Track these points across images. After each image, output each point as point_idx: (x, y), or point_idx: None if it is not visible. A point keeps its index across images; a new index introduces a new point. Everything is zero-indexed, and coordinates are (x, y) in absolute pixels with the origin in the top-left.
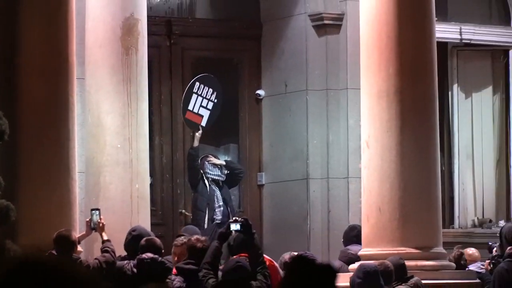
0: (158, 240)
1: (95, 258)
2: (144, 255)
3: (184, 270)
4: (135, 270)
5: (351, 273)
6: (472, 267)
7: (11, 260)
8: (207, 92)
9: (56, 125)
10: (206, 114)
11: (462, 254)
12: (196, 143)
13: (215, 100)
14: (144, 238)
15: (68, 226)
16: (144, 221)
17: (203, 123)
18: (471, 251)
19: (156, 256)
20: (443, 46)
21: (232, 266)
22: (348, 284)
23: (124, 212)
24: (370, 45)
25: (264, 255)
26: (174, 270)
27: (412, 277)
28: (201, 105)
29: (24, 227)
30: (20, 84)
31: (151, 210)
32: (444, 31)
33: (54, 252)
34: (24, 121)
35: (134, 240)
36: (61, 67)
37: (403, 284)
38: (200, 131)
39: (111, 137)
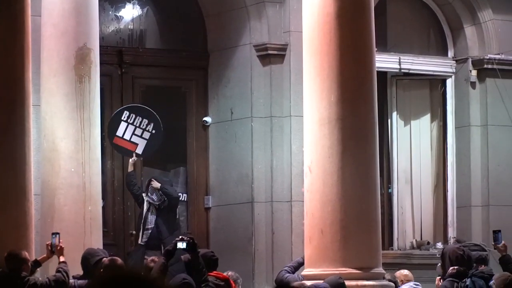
0: (119, 260)
1: (47, 277)
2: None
3: None
4: None
5: None
6: (405, 286)
7: None
8: (140, 122)
9: (13, 149)
10: (142, 143)
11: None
12: (130, 169)
13: (153, 131)
14: (107, 258)
15: (24, 247)
16: (97, 242)
17: (139, 150)
18: (405, 272)
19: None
20: (383, 75)
21: (178, 282)
22: None
23: (78, 233)
24: (313, 75)
25: (218, 272)
26: None
27: None
28: (133, 133)
29: None
30: None
31: (103, 231)
32: (384, 61)
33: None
34: None
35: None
36: (18, 95)
37: None
38: (134, 158)
39: (65, 161)
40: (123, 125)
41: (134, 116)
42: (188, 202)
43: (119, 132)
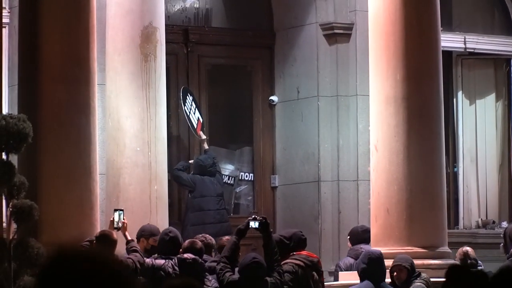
0: (199, 243)
1: (128, 257)
2: (186, 255)
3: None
4: (176, 269)
5: None
6: None
7: (53, 252)
8: (189, 102)
9: (78, 128)
10: (198, 114)
11: (467, 252)
12: (206, 146)
13: (191, 98)
14: (188, 240)
15: (89, 226)
16: (163, 221)
17: (201, 119)
18: (465, 249)
19: (197, 257)
20: (448, 54)
21: (248, 261)
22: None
23: (143, 212)
24: (378, 54)
25: (306, 252)
26: None
27: (420, 274)
28: (194, 114)
29: (46, 226)
30: (42, 90)
31: (169, 211)
32: (449, 41)
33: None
34: (47, 125)
35: (170, 242)
36: (82, 74)
37: (418, 279)
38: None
39: (130, 140)
40: (191, 116)
41: (187, 104)
42: (255, 182)
43: (194, 122)
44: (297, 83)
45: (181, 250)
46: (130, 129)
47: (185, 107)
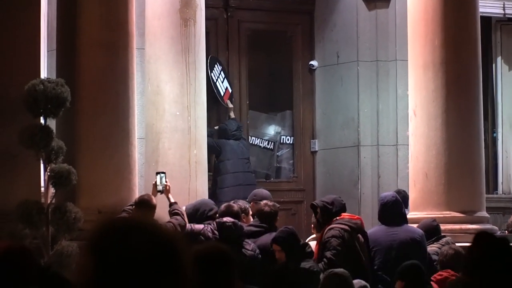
0: (236, 206)
1: (169, 221)
2: (225, 219)
3: (252, 232)
4: (216, 233)
5: None
6: None
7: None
8: (217, 71)
9: (116, 93)
10: (226, 83)
11: None
12: (232, 115)
13: (220, 67)
14: (224, 204)
15: (127, 191)
16: (202, 186)
17: (230, 89)
18: None
19: (236, 220)
20: (487, 20)
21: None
22: None
23: (183, 177)
24: (417, 19)
25: (348, 214)
26: None
27: (444, 236)
28: (222, 82)
29: (84, 190)
30: (80, 54)
31: (209, 175)
32: (488, 6)
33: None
34: (84, 89)
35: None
36: (121, 38)
37: (434, 243)
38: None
39: (170, 105)
40: (218, 84)
41: (214, 72)
42: (294, 146)
43: (222, 92)
44: (336, 48)
45: (217, 215)
46: (169, 94)
47: (212, 74)
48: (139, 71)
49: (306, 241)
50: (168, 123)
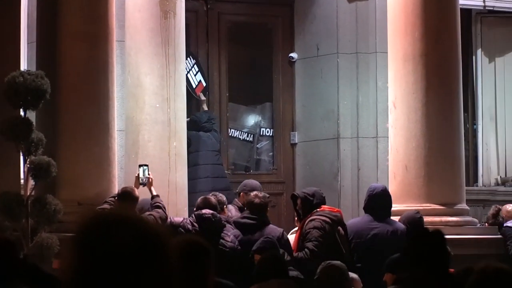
0: (213, 199)
1: (149, 214)
2: (203, 211)
3: (240, 224)
4: (195, 225)
5: None
6: (509, 223)
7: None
8: (189, 64)
9: (96, 85)
10: (200, 76)
11: (499, 210)
12: (206, 108)
13: (193, 61)
14: (201, 197)
15: (107, 182)
16: (182, 178)
17: (204, 83)
18: (510, 207)
19: (215, 212)
20: (467, 12)
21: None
22: None
23: (163, 169)
24: (397, 11)
25: (328, 207)
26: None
27: None
28: (195, 75)
29: (64, 182)
30: (61, 46)
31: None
32: None
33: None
34: (65, 81)
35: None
36: (101, 30)
37: None
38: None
39: (149, 97)
40: (189, 76)
41: (188, 64)
42: (274, 138)
43: (194, 84)
44: (316, 40)
45: (195, 208)
46: (149, 86)
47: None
48: (119, 63)
49: (289, 234)
50: (148, 115)
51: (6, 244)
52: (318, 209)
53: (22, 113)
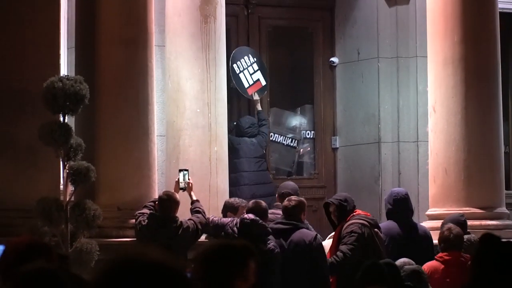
0: (264, 203)
1: (189, 219)
2: (246, 216)
3: (273, 229)
4: (235, 229)
5: None
6: None
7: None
8: (245, 62)
9: (135, 89)
10: (259, 75)
11: None
12: (259, 108)
13: (254, 59)
14: (252, 201)
15: (147, 187)
16: (223, 183)
17: (263, 82)
18: None
19: (257, 218)
20: (507, 16)
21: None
22: None
23: (203, 174)
24: (436, 15)
25: (362, 211)
26: None
27: (468, 233)
28: (251, 74)
29: (103, 187)
30: (99, 51)
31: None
32: (508, 2)
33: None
34: (104, 86)
35: None
36: (140, 34)
37: None
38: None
39: (190, 102)
40: (242, 76)
41: (239, 63)
42: (315, 143)
43: (246, 83)
44: (357, 45)
45: (245, 210)
46: (190, 91)
47: (235, 65)
48: (159, 68)
49: (328, 238)
50: (188, 120)
51: (44, 247)
52: (354, 213)
53: (61, 118)
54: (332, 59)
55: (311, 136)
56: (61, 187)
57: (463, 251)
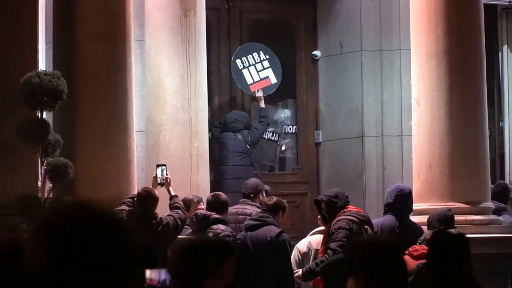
0: (223, 196)
1: (169, 215)
2: (198, 211)
3: (245, 225)
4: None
5: None
6: None
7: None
8: (253, 58)
9: (113, 84)
10: (269, 72)
11: None
12: (262, 105)
13: (267, 56)
14: (211, 193)
15: (126, 183)
16: (204, 178)
17: (274, 80)
18: None
19: (208, 212)
20: (492, 8)
21: None
22: None
23: (184, 170)
24: (420, 7)
25: (354, 207)
26: None
27: (454, 227)
28: (258, 71)
29: (82, 184)
30: (77, 45)
31: (210, 168)
32: None
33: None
34: (82, 82)
35: None
36: (119, 29)
37: None
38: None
39: (170, 97)
40: (245, 72)
41: (244, 58)
42: (298, 137)
43: (249, 80)
44: (340, 38)
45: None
46: (170, 86)
47: (240, 61)
48: (139, 63)
49: (310, 233)
50: (169, 115)
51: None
52: (345, 210)
53: (38, 114)
54: (314, 52)
55: (294, 131)
56: (39, 183)
57: None
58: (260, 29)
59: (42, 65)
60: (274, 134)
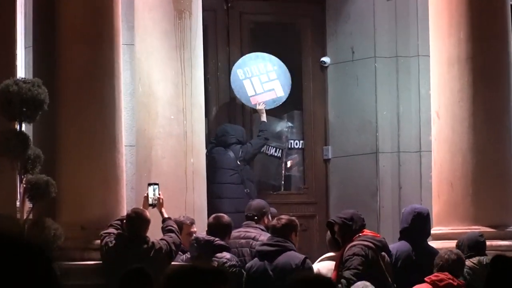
0: (226, 219)
1: (162, 239)
2: (199, 235)
3: (258, 252)
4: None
5: None
6: None
7: None
8: (257, 69)
9: (100, 94)
10: (276, 84)
11: None
12: (263, 118)
13: (275, 67)
14: (213, 215)
15: (114, 203)
16: (200, 198)
17: (281, 93)
18: None
19: (212, 238)
20: None
21: None
22: None
23: (179, 189)
24: (440, 9)
25: (370, 231)
26: None
27: (485, 255)
28: (262, 82)
29: (65, 204)
30: (60, 50)
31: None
32: None
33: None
34: (65, 90)
35: None
36: (105, 32)
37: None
38: (260, 104)
39: (163, 108)
40: (246, 83)
41: (247, 68)
42: (305, 152)
43: (250, 91)
44: (351, 43)
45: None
46: (163, 95)
47: (241, 70)
48: (128, 70)
49: (319, 260)
50: (161, 128)
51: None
52: (360, 234)
53: (17, 126)
54: (323, 59)
55: (300, 146)
56: (18, 203)
57: (469, 275)
58: (262, 33)
59: (21, 72)
60: (278, 149)
